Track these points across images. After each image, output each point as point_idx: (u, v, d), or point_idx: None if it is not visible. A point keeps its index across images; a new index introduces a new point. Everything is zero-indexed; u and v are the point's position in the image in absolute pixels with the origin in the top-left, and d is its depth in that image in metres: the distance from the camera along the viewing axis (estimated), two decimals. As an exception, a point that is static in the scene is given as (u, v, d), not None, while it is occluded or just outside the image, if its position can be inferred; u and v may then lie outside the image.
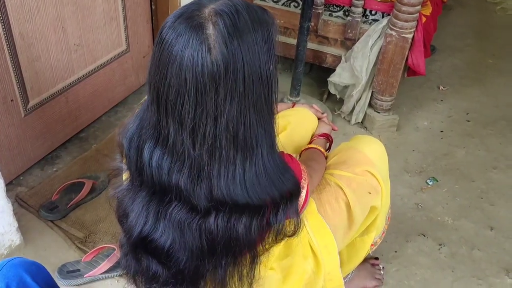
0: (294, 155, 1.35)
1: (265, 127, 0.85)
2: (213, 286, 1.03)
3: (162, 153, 0.86)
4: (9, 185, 1.76)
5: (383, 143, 2.14)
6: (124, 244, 1.01)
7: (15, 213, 1.65)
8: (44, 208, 1.66)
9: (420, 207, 1.87)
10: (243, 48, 0.78)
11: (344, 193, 1.21)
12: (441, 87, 2.57)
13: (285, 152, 0.97)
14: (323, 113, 1.49)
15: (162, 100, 0.81)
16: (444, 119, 2.36)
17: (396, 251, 1.68)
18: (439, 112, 2.41)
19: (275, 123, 0.88)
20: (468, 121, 2.35)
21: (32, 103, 1.74)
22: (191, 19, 0.79)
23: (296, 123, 1.40)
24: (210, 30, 0.77)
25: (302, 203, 0.99)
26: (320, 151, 1.31)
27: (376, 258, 1.61)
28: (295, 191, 0.93)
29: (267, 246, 1.01)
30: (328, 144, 1.42)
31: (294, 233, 0.99)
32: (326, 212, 1.20)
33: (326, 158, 1.32)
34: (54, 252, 1.56)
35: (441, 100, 2.49)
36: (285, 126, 1.39)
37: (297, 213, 0.96)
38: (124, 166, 0.98)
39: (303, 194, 0.99)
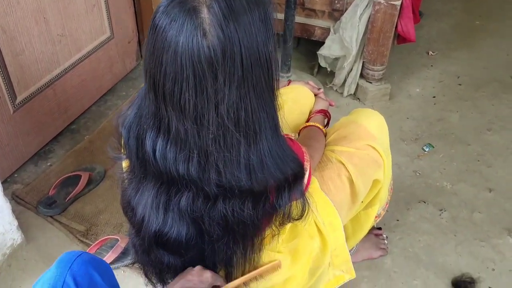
0: (292, 135, 1.34)
1: (267, 110, 0.83)
2: (223, 268, 1.03)
3: (165, 142, 0.84)
4: (4, 183, 1.73)
5: (378, 113, 2.15)
6: (133, 238, 1.00)
7: (13, 211, 1.62)
8: (42, 204, 1.64)
9: (418, 174, 1.88)
10: (240, 31, 0.76)
11: (346, 169, 1.20)
12: (430, 52, 2.56)
13: (286, 135, 0.96)
14: (319, 89, 1.47)
15: (159, 88, 0.79)
16: (435, 84, 2.36)
17: (398, 220, 1.69)
18: (430, 77, 2.40)
19: (278, 105, 0.87)
20: (460, 84, 2.35)
21: (20, 98, 1.69)
22: (184, 3, 0.76)
23: (293, 101, 1.38)
24: (205, 13, 0.74)
25: (305, 185, 0.98)
26: (319, 128, 1.30)
27: (379, 228, 1.62)
28: (300, 173, 0.93)
29: (274, 229, 1.01)
30: (326, 120, 1.41)
31: (301, 216, 0.98)
32: (329, 189, 1.20)
33: (325, 134, 1.31)
34: (56, 247, 1.55)
35: (431, 66, 2.48)
36: (282, 105, 1.36)
37: (303, 195, 0.96)
38: (123, 156, 0.96)
39: (306, 175, 0.98)
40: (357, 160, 1.22)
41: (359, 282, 1.50)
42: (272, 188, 0.89)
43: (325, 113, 1.40)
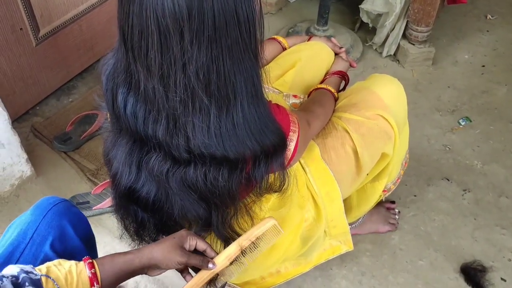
0: (302, 96, 1.26)
1: (245, 75, 0.75)
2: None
3: (135, 100, 0.80)
4: (25, 115, 1.77)
5: (416, 78, 2.02)
6: (111, 190, 0.98)
7: (30, 144, 1.67)
8: (57, 139, 1.67)
9: (448, 149, 1.75)
10: None
11: (351, 139, 1.12)
12: (488, 16, 2.33)
13: (272, 102, 0.88)
14: (340, 48, 1.36)
15: (128, 41, 0.74)
16: (488, 52, 2.15)
17: (415, 195, 1.60)
18: (483, 44, 2.19)
19: (261, 69, 0.79)
20: (515, 55, 2.14)
21: (43, 31, 1.69)
22: None
23: (307, 59, 1.29)
24: None
25: (289, 157, 0.91)
26: (330, 92, 1.20)
27: (393, 202, 1.54)
28: (280, 145, 0.86)
29: (254, 199, 0.96)
30: (343, 83, 1.31)
31: (279, 188, 0.92)
32: (330, 158, 1.13)
33: (336, 99, 1.22)
34: (66, 183, 1.58)
35: (487, 31, 2.26)
36: (295, 63, 1.28)
37: (283, 167, 0.89)
38: (104, 104, 0.92)
39: (291, 147, 0.91)
40: (365, 130, 1.13)
41: (360, 255, 1.44)
42: (249, 158, 0.84)
43: (343, 75, 1.30)
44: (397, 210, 1.52)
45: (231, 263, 0.90)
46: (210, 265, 0.87)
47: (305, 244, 1.16)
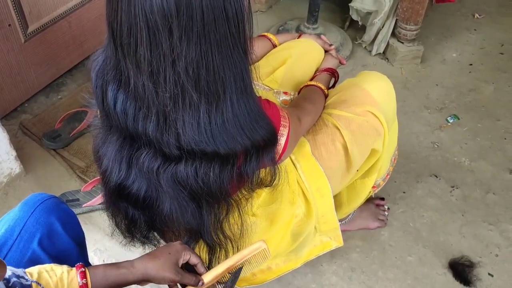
0: (293, 93, 1.26)
1: (234, 70, 0.76)
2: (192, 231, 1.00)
3: (125, 97, 0.80)
4: (13, 112, 1.75)
5: (405, 76, 2.04)
6: (102, 187, 0.98)
7: (19, 141, 1.66)
8: (46, 136, 1.65)
9: (436, 146, 1.76)
10: None
11: (341, 135, 1.13)
12: (476, 15, 2.35)
13: (262, 97, 0.89)
14: (330, 45, 1.37)
15: (117, 38, 0.74)
16: (475, 51, 2.18)
17: (404, 192, 1.61)
18: (471, 43, 2.22)
19: (251, 65, 0.79)
20: (502, 54, 2.16)
21: (31, 28, 1.67)
22: None
23: (297, 56, 1.30)
24: None
25: (280, 152, 0.92)
26: (320, 88, 1.21)
27: (382, 199, 1.55)
28: (271, 140, 0.86)
29: (245, 194, 0.96)
30: (333, 80, 1.32)
31: (270, 183, 0.93)
32: (321, 155, 1.13)
33: (327, 96, 1.23)
34: (55, 181, 1.57)
35: (475, 30, 2.28)
36: (285, 60, 1.29)
37: (274, 162, 0.90)
38: (94, 101, 0.92)
39: (282, 142, 0.91)
40: (355, 126, 1.14)
41: (350, 251, 1.45)
42: (240, 153, 0.84)
43: (333, 72, 1.30)
44: (386, 207, 1.54)
45: (217, 282, 0.94)
46: (200, 284, 0.90)
47: (296, 240, 1.17)
